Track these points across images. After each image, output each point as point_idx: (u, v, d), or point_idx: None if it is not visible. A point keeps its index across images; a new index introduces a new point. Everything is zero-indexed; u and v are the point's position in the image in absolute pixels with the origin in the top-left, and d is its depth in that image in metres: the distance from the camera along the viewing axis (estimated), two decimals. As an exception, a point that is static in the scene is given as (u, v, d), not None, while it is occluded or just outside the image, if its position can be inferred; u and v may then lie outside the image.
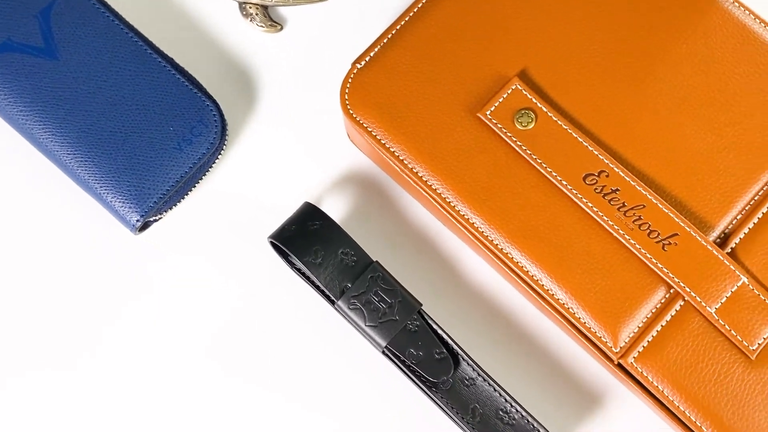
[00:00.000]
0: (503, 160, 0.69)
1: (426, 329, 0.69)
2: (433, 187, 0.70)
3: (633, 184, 0.68)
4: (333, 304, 0.70)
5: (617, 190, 0.68)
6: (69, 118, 0.72)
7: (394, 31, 0.72)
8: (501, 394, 0.69)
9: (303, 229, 0.71)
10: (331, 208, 0.75)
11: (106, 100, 0.73)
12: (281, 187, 0.76)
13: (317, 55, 0.78)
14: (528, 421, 0.68)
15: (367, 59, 0.72)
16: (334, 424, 0.72)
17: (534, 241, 0.68)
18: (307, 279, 0.73)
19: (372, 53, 0.72)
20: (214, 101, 0.74)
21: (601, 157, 0.68)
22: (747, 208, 0.68)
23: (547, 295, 0.67)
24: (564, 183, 0.68)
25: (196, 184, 0.74)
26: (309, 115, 0.77)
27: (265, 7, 0.78)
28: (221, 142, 0.74)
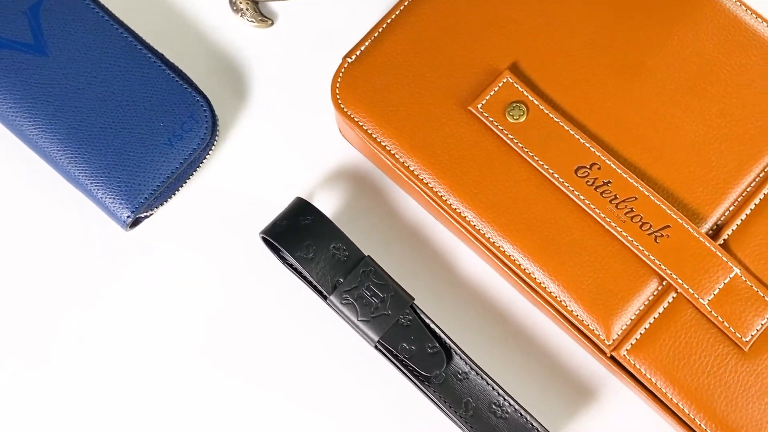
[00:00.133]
0: (495, 154, 0.69)
1: (418, 323, 0.69)
2: (424, 181, 0.69)
3: (625, 176, 0.67)
4: (325, 299, 0.70)
5: (609, 183, 0.67)
6: (59, 115, 0.72)
7: (384, 25, 0.72)
8: (494, 388, 0.68)
9: (294, 224, 0.70)
10: (323, 203, 0.75)
11: (96, 96, 0.73)
12: (272, 182, 0.76)
13: (308, 49, 0.78)
14: (521, 414, 0.68)
15: (357, 53, 0.71)
16: (328, 419, 0.72)
17: (526, 234, 0.68)
18: (299, 274, 0.72)
19: (362, 47, 0.71)
20: (204, 97, 0.73)
21: (592, 149, 0.68)
22: (739, 200, 0.68)
23: (539, 288, 0.67)
24: (556, 176, 0.68)
25: (187, 180, 0.74)
26: (300, 110, 0.77)
27: (255, 2, 0.78)
28: (212, 138, 0.74)
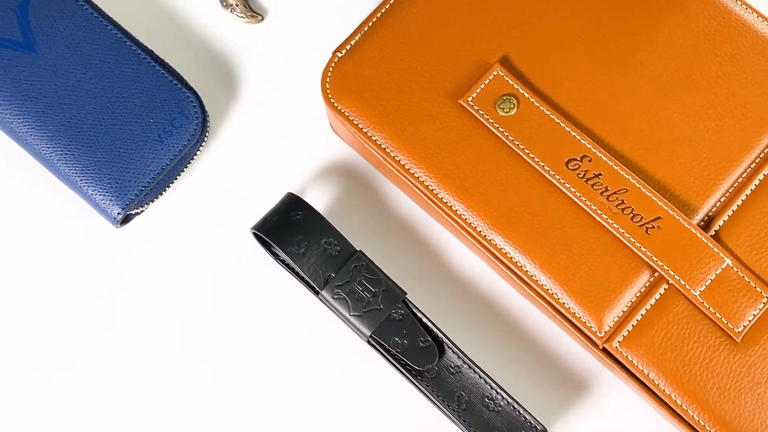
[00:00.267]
0: (486, 147, 0.69)
1: (410, 318, 0.69)
2: (415, 175, 0.69)
3: (615, 168, 0.67)
4: (317, 294, 0.70)
5: (600, 175, 0.67)
6: (48, 112, 0.72)
7: (374, 19, 0.72)
8: (487, 381, 0.68)
9: (286, 219, 0.70)
10: (315, 198, 0.75)
11: (86, 93, 0.72)
12: (264, 178, 0.75)
13: (298, 45, 0.78)
14: (514, 407, 0.68)
15: (347, 48, 0.71)
16: (321, 415, 0.72)
17: (517, 227, 0.68)
18: (290, 270, 0.72)
19: (353, 42, 0.71)
20: (194, 92, 0.73)
21: (583, 141, 0.68)
22: (731, 191, 0.68)
23: (531, 281, 0.67)
24: (547, 168, 0.68)
25: (177, 176, 0.74)
26: (291, 106, 0.77)
27: (245, -3, 0.78)
28: (202, 134, 0.74)
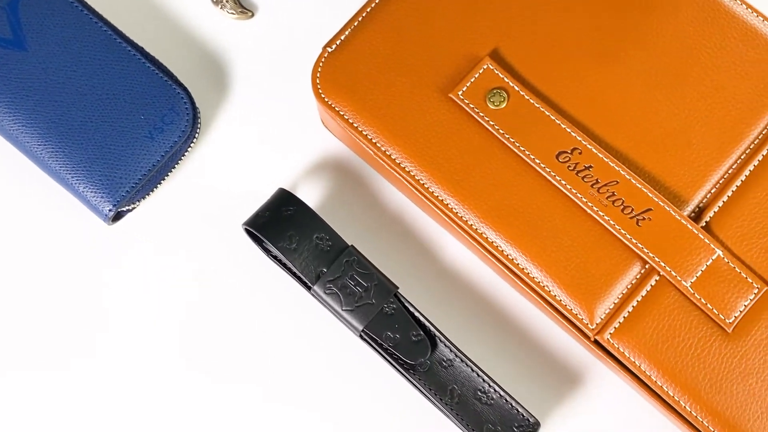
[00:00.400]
0: (476, 140, 0.69)
1: (403, 312, 0.69)
2: (406, 170, 0.69)
3: (606, 160, 0.67)
4: (309, 289, 0.70)
5: (590, 167, 0.67)
6: (39, 109, 0.72)
7: (364, 14, 0.72)
8: (479, 375, 0.68)
9: (277, 215, 0.70)
10: (306, 194, 0.75)
11: (76, 90, 0.72)
12: (255, 174, 0.75)
13: (289, 40, 0.78)
14: (506, 400, 0.68)
15: (337, 43, 0.71)
16: (314, 410, 0.72)
17: (508, 220, 0.68)
18: (282, 265, 0.72)
19: (342, 36, 0.71)
20: (185, 89, 0.73)
21: (573, 134, 0.68)
22: (721, 182, 0.68)
23: (522, 273, 0.67)
24: (537, 161, 0.68)
25: (169, 173, 0.74)
26: (282, 101, 0.77)
27: (235, -6, 0.78)
28: (193, 130, 0.74)
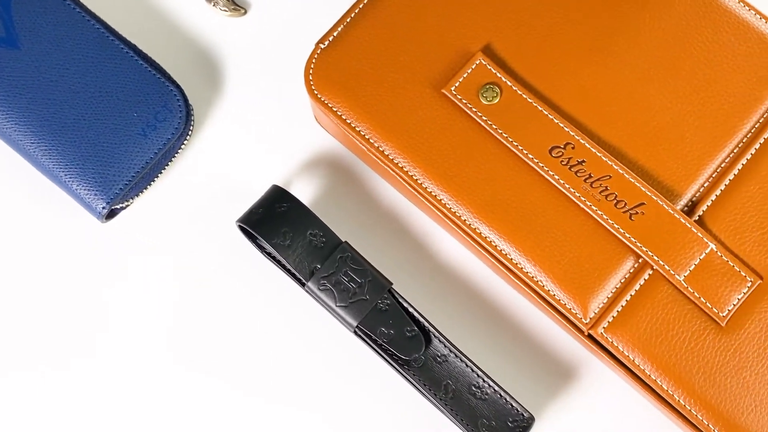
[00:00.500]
0: (469, 136, 0.69)
1: (397, 308, 0.69)
2: (399, 165, 0.69)
3: (599, 155, 0.67)
4: (303, 286, 0.70)
5: (583, 162, 0.67)
6: (32, 107, 0.72)
7: (357, 10, 0.72)
8: (473, 370, 0.68)
9: (271, 211, 0.70)
10: (300, 190, 0.75)
11: (69, 88, 0.72)
12: (249, 170, 0.75)
13: (282, 37, 0.78)
14: (501, 395, 0.68)
15: (330, 39, 0.71)
16: (308, 406, 0.72)
17: (501, 215, 0.68)
18: (276, 262, 0.72)
19: (335, 33, 0.71)
20: (177, 86, 0.73)
21: (566, 129, 0.68)
22: (714, 176, 0.68)
23: (516, 268, 0.67)
24: (530, 156, 0.68)
25: (162, 170, 0.74)
26: (275, 98, 0.77)
27: (228, -9, 0.78)
28: (186, 127, 0.74)
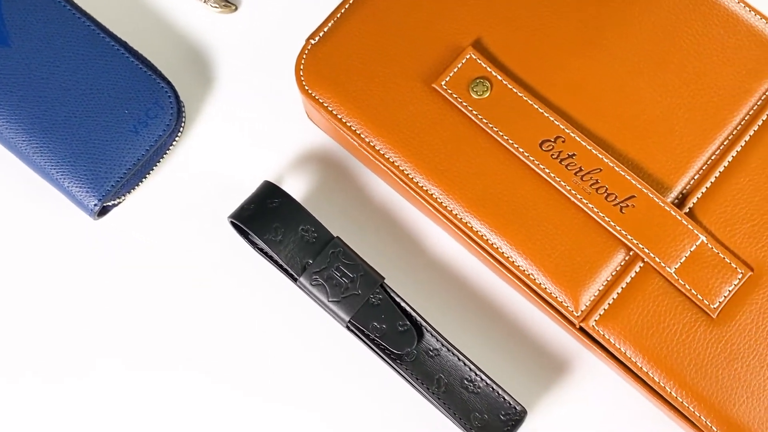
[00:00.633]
0: (460, 130, 0.69)
1: (389, 302, 0.69)
2: (390, 160, 0.69)
3: (589, 148, 0.67)
4: (295, 281, 0.70)
5: (573, 155, 0.68)
6: (23, 105, 0.72)
7: (347, 6, 0.72)
8: (466, 364, 0.69)
9: (262, 207, 0.70)
10: (292, 186, 0.75)
11: (60, 86, 0.72)
12: (241, 166, 0.75)
13: (273, 33, 0.78)
14: (493, 389, 0.68)
15: (320, 35, 0.71)
16: (300, 401, 0.72)
17: (492, 209, 0.68)
18: (268, 257, 0.72)
19: (325, 28, 0.71)
20: (168, 83, 0.73)
21: (556, 122, 0.68)
22: (704, 168, 0.68)
23: (507, 262, 0.67)
24: (521, 150, 0.68)
25: (154, 167, 0.74)
26: (266, 95, 0.77)
27: (218, -13, 0.78)
28: (177, 124, 0.74)
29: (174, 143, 0.74)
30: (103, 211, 0.74)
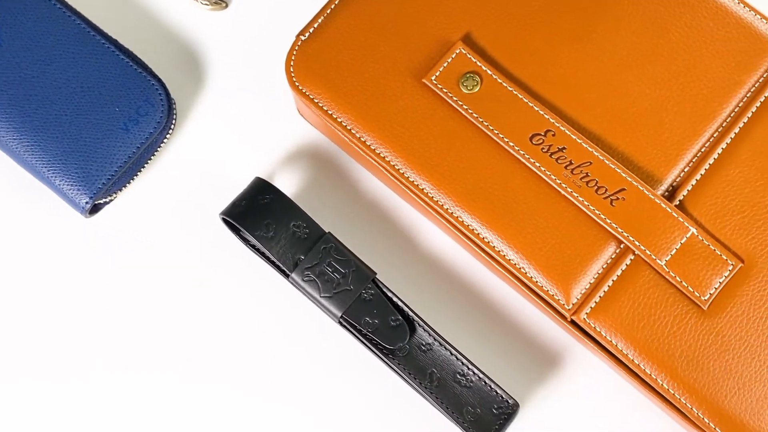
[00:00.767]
0: (450, 125, 0.69)
1: (381, 297, 0.69)
2: (381, 155, 0.69)
3: (579, 141, 0.68)
4: (287, 277, 0.70)
5: (564, 149, 0.68)
6: (13, 104, 0.72)
7: (337, 1, 0.72)
8: (458, 358, 0.69)
9: (254, 203, 0.71)
10: (284, 183, 0.75)
11: (51, 84, 0.72)
12: (232, 163, 0.76)
13: (263, 30, 0.78)
14: (485, 383, 0.68)
15: (310, 31, 0.71)
16: (293, 397, 0.72)
17: (483, 203, 0.68)
18: (260, 254, 0.72)
19: (315, 24, 0.71)
20: (159, 80, 0.73)
21: (546, 116, 0.68)
22: (694, 160, 0.68)
23: (498, 256, 0.68)
24: (511, 144, 0.68)
25: (145, 164, 0.74)
26: (257, 91, 0.77)
27: (208, -15, 0.78)
28: (169, 121, 0.74)
29: (165, 141, 0.74)
30: (95, 209, 0.74)
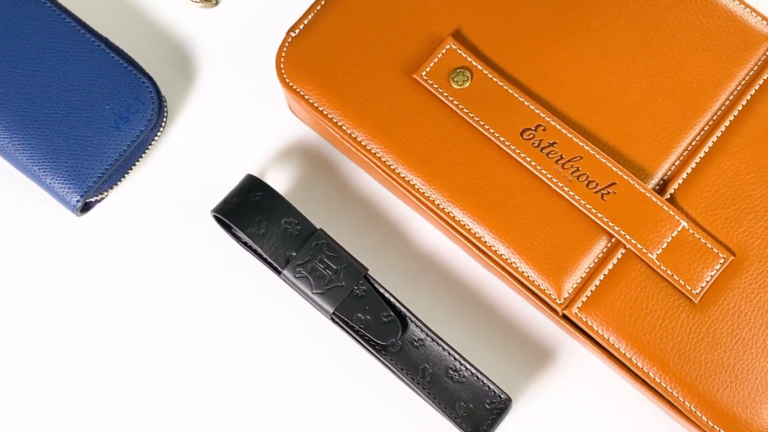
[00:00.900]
0: (441, 120, 0.69)
1: (373, 293, 0.69)
2: (372, 151, 0.69)
3: (570, 136, 0.68)
4: (279, 273, 0.70)
5: (554, 143, 0.68)
6: (4, 102, 0.72)
7: (327, -2, 0.72)
8: (450, 353, 0.69)
9: (245, 200, 0.71)
10: (275, 180, 0.75)
11: (41, 83, 0.72)
12: (223, 161, 0.75)
13: (254, 27, 0.78)
14: (478, 378, 0.68)
15: (301, 27, 0.71)
16: (285, 393, 0.72)
17: (474, 198, 0.68)
18: (252, 251, 0.72)
19: (306, 21, 0.71)
20: (150, 78, 0.73)
21: (537, 111, 0.68)
22: (685, 154, 0.68)
23: (489, 251, 0.68)
24: (502, 139, 0.68)
25: (136, 162, 0.74)
26: (248, 88, 0.77)
27: (198, -18, 0.78)
28: (159, 119, 0.74)
29: (156, 138, 0.74)
30: (86, 207, 0.74)
